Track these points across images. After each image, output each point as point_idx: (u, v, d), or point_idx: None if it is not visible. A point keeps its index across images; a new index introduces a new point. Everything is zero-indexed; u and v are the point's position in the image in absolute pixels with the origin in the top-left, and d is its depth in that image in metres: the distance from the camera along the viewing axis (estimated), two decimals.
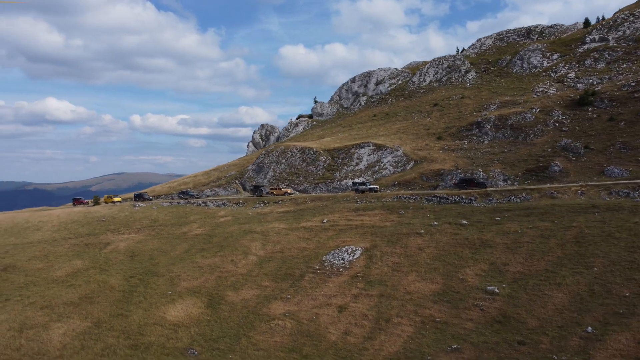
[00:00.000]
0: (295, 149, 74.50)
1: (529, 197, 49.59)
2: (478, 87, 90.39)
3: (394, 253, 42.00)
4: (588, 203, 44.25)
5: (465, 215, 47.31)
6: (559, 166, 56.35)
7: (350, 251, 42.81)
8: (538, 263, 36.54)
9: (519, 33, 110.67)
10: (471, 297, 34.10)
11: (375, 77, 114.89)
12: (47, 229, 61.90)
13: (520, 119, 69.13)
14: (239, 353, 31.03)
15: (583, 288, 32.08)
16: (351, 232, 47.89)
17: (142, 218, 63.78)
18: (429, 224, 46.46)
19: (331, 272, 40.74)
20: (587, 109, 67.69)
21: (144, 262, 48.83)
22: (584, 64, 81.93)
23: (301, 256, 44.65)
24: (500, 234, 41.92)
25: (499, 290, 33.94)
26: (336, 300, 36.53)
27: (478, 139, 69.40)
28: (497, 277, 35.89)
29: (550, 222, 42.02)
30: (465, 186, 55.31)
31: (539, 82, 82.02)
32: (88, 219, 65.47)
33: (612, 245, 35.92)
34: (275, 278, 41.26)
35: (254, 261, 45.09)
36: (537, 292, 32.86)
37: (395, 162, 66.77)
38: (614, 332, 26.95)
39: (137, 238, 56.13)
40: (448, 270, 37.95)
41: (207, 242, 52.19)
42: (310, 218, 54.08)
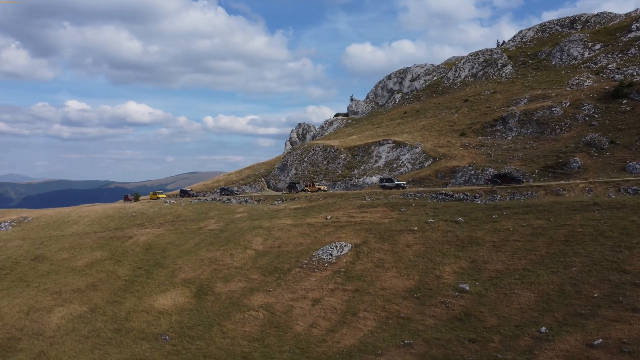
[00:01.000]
0: (318, 147, 75.64)
1: (534, 194, 47.77)
2: (512, 81, 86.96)
3: (382, 249, 42.14)
4: (591, 201, 42.15)
5: (464, 212, 46.43)
6: (577, 162, 53.70)
7: (339, 247, 43.41)
8: (519, 262, 35.49)
9: (563, 23, 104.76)
10: (440, 295, 33.77)
11: (410, 74, 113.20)
12: (82, 223, 67.21)
13: (547, 114, 66.15)
14: (206, 340, 32.77)
15: (554, 288, 30.97)
16: (349, 228, 48.40)
17: (167, 214, 67.57)
18: (425, 221, 46.05)
19: (317, 267, 41.60)
20: (621, 101, 63.68)
21: (156, 254, 51.99)
22: (627, 54, 76.78)
23: (295, 251, 45.81)
24: (492, 231, 40.94)
25: (469, 288, 33.38)
26: (313, 294, 37.39)
27: (502, 135, 67.20)
28: (474, 275, 35.22)
29: (546, 220, 40.48)
30: (500, 182, 53.44)
31: (576, 74, 77.76)
32: (121, 214, 70.27)
33: (599, 245, 34.26)
34: (265, 272, 42.73)
35: (251, 255, 46.82)
36: (507, 290, 32.06)
37: (413, 159, 66.17)
38: (566, 333, 26.01)
39: (157, 232, 59.68)
40: (427, 267, 37.67)
41: (217, 236, 54.61)
42: (317, 215, 55.07)
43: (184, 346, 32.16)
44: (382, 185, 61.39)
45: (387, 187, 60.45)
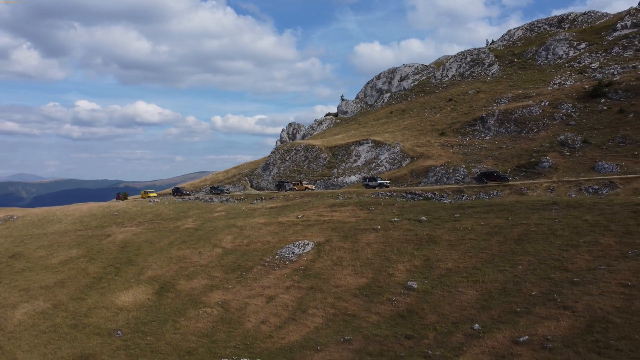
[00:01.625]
0: (300, 147, 76.17)
1: (499, 193, 48.03)
2: (497, 80, 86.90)
3: (342, 248, 42.63)
4: (551, 200, 42.41)
5: (428, 211, 46.78)
6: (549, 162, 53.82)
7: (302, 245, 43.95)
8: (470, 260, 35.84)
9: (551, 22, 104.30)
10: (389, 292, 34.20)
11: (399, 74, 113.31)
12: (66, 222, 68.27)
13: (526, 113, 66.20)
14: (157, 336, 33.45)
15: (497, 286, 31.30)
16: (316, 227, 48.90)
17: (149, 212, 68.44)
18: (390, 220, 46.46)
19: (278, 265, 42.15)
20: (599, 100, 63.59)
21: (130, 252, 52.80)
22: (610, 53, 76.51)
23: (261, 250, 46.40)
24: (451, 230, 41.31)
25: (417, 286, 33.78)
26: (269, 291, 37.97)
27: (480, 135, 67.34)
28: (425, 273, 35.62)
29: (504, 219, 40.79)
30: (485, 180, 53.22)
31: (560, 73, 77.63)
32: (104, 212, 71.27)
33: (549, 244, 34.54)
34: (228, 269, 43.36)
35: (218, 253, 47.47)
36: (452, 288, 32.44)
37: (391, 158, 66.51)
38: (497, 330, 26.34)
39: (135, 231, 60.53)
40: (382, 266, 38.11)
41: (191, 235, 55.35)
42: (289, 214, 55.63)
43: (134, 341, 32.85)
44: (366, 184, 61.65)
45: (370, 186, 60.67)
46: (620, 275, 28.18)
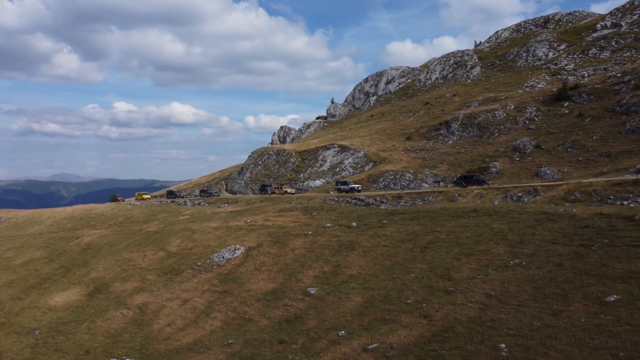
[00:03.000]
0: (272, 151, 77.66)
1: (433, 199, 48.32)
2: (476, 83, 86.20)
3: (268, 253, 43.91)
4: (473, 207, 42.56)
5: (362, 217, 47.55)
6: (496, 167, 53.77)
7: (233, 250, 45.45)
8: (374, 267, 36.63)
9: (537, 23, 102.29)
10: (288, 298, 35.35)
11: (386, 77, 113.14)
12: (45, 224, 71.76)
13: (490, 117, 65.91)
14: (68, 335, 35.53)
15: (382, 293, 32.08)
16: (257, 232, 50.27)
17: (121, 215, 71.23)
18: (323, 225, 47.47)
19: (207, 269, 43.77)
20: (562, 104, 62.86)
21: (89, 254, 55.41)
22: (587, 54, 75.10)
23: (199, 253, 48.11)
24: (372, 237, 42.06)
25: (314, 292, 34.82)
26: (186, 295, 39.62)
27: (444, 139, 67.40)
28: (329, 280, 36.58)
29: (422, 226, 41.29)
30: (464, 184, 52.77)
31: (535, 75, 76.65)
32: (82, 215, 74.50)
33: (447, 252, 35.00)
34: (161, 272, 45.23)
35: (161, 257, 49.43)
36: (343, 295, 33.34)
37: (355, 163, 67.29)
38: (357, 337, 27.23)
39: (102, 233, 63.29)
40: (295, 271, 39.25)
41: (148, 238, 57.59)
42: (241, 218, 57.18)
43: (45, 340, 35.01)
44: (338, 189, 61.60)
45: (342, 190, 60.61)
46: (489, 285, 28.58)
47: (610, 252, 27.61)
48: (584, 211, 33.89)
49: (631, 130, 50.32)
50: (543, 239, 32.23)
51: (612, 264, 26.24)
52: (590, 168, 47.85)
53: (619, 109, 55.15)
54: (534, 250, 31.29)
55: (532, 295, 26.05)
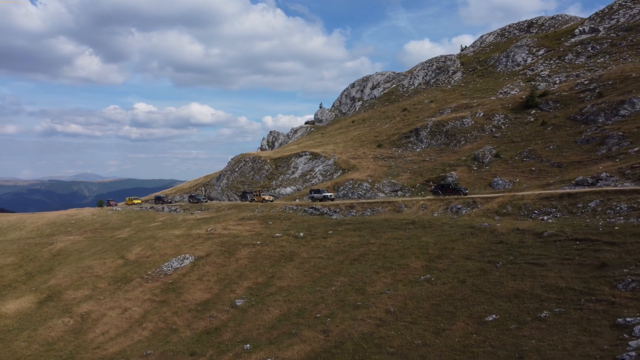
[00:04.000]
0: (248, 158, 78.64)
1: (382, 209, 48.75)
2: (454, 89, 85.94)
3: (215, 263, 44.86)
4: (412, 219, 42.92)
5: (311, 227, 48.22)
6: (453, 177, 53.93)
7: (182, 259, 46.49)
8: (303, 279, 37.36)
9: (521, 27, 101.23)
10: (215, 309, 36.25)
11: (371, 82, 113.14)
12: (26, 230, 73.89)
13: (458, 125, 65.92)
14: (7, 343, 36.93)
15: (299, 306, 32.84)
16: (212, 241, 51.25)
17: (98, 221, 72.96)
18: (273, 235, 48.25)
19: (154, 278, 44.89)
20: (530, 111, 62.60)
21: (57, 261, 57.05)
22: (564, 60, 74.46)
23: (153, 262, 49.26)
24: (312, 247, 42.75)
25: (241, 304, 35.68)
26: (127, 304, 40.76)
27: (413, 147, 67.62)
28: (259, 291, 37.39)
29: (360, 238, 41.87)
30: (441, 192, 50.28)
31: (510, 81, 76.26)
32: (63, 221, 76.48)
33: (371, 265, 35.58)
34: (112, 281, 46.49)
35: (118, 264, 50.72)
36: (265, 307, 34.12)
37: (325, 170, 67.89)
38: (258, 351, 28.10)
39: (76, 239, 64.99)
40: (232, 282, 40.13)
41: (115, 245, 59.02)
42: (204, 226, 58.23)
43: None
44: (311, 197, 60.83)
45: (315, 199, 59.94)
46: (393, 301, 29.14)
47: (511, 269, 27.94)
48: (504, 226, 34.13)
49: (586, 140, 50.03)
50: (459, 254, 32.59)
51: (507, 282, 26.61)
52: (540, 179, 47.77)
53: (579, 118, 54.80)
54: (447, 266, 31.70)
55: (427, 312, 26.56)
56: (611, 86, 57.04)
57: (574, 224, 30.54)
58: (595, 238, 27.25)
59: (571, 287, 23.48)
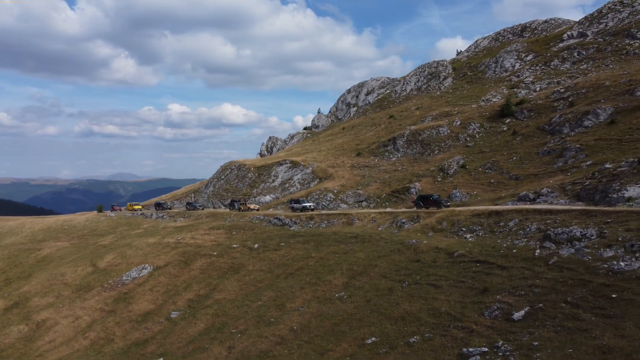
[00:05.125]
0: (234, 166, 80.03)
1: (337, 221, 49.23)
2: (442, 95, 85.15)
3: (169, 273, 46.32)
4: (357, 233, 43.30)
5: (267, 239, 49.11)
6: (416, 188, 54.04)
7: (140, 269, 48.14)
8: (239, 292, 38.42)
9: (514, 31, 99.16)
10: (152, 320, 37.66)
11: (366, 88, 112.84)
12: (22, 235, 77.28)
13: (434, 134, 65.70)
14: None
15: (223, 320, 33.96)
16: (176, 250, 52.72)
17: (87, 228, 75.70)
18: (231, 246, 49.43)
19: (112, 287, 46.65)
20: (504, 120, 61.92)
21: (37, 267, 59.66)
22: (549, 66, 73.10)
23: (118, 271, 51.05)
24: (260, 260, 43.71)
25: (174, 316, 37.03)
26: (80, 312, 42.58)
27: (389, 156, 67.72)
28: (197, 303, 38.62)
29: (304, 251, 42.61)
30: (422, 204, 47.05)
31: (495, 88, 75.33)
32: (57, 226, 79.60)
33: (300, 280, 36.37)
34: (76, 289, 48.46)
35: (88, 272, 52.75)
36: (195, 320, 35.36)
37: (303, 179, 68.71)
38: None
39: (62, 246, 67.70)
40: (177, 293, 41.46)
41: (94, 252, 61.26)
42: (177, 235, 59.85)
43: None
44: (291, 207, 59.94)
45: (295, 209, 58.77)
46: (300, 319, 29.87)
47: (412, 290, 28.26)
48: (427, 244, 34.27)
49: (547, 152, 49.32)
50: (378, 272, 32.98)
51: (402, 303, 26.97)
52: (497, 191, 47.42)
53: (547, 128, 53.96)
54: (364, 284, 32.17)
55: (325, 331, 27.19)
56: (584, 95, 55.97)
57: (484, 245, 30.54)
58: (492, 261, 27.28)
59: (449, 312, 23.71)
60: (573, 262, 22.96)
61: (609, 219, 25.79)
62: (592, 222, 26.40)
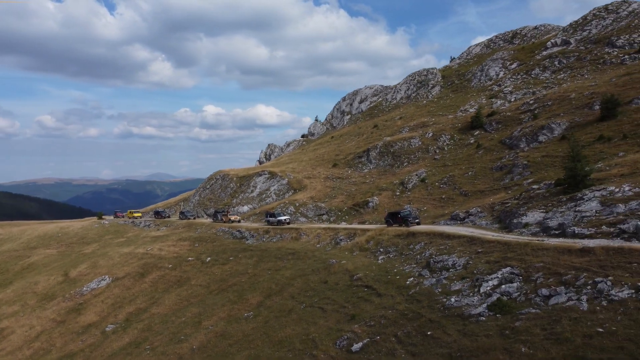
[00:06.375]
0: (219, 176, 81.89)
1: (287, 236, 50.12)
2: (427, 105, 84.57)
3: (124, 285, 48.25)
4: (296, 249, 44.08)
5: (221, 252, 50.46)
6: (374, 202, 54.51)
7: (100, 280, 50.28)
8: (173, 307, 39.89)
9: (505, 38, 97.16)
10: (89, 333, 39.58)
11: (360, 96, 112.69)
12: (18, 242, 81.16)
13: (405, 146, 65.82)
14: None
15: (145, 336, 35.52)
16: (140, 262, 54.64)
17: (79, 235, 78.88)
18: (187, 259, 50.99)
19: (72, 297, 48.92)
20: (474, 132, 61.58)
21: (20, 274, 62.82)
22: (530, 74, 72.03)
23: (83, 281, 53.28)
24: (205, 274, 45.14)
25: (109, 329, 38.85)
26: (35, 322, 44.91)
27: (362, 167, 68.15)
28: (133, 317, 40.35)
29: (245, 267, 43.78)
30: (391, 221, 43.41)
31: (475, 98, 74.64)
32: (52, 234, 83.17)
33: (225, 297, 37.64)
34: (41, 298, 50.97)
35: (58, 281, 55.29)
36: (123, 334, 37.01)
37: (278, 190, 69.92)
38: None
39: (50, 253, 70.92)
40: (121, 306, 43.30)
41: (74, 260, 63.93)
42: (149, 245, 61.89)
43: None
44: (267, 220, 57.66)
45: (270, 223, 56.52)
46: (204, 338, 31.23)
47: (305, 312, 29.15)
48: (343, 264, 34.86)
49: (499, 167, 48.96)
50: (291, 292, 33.84)
51: (289, 326, 27.92)
52: (445, 207, 47.42)
53: (508, 142, 53.45)
54: (274, 303, 33.10)
55: (218, 352, 28.44)
56: (548, 108, 55.17)
57: (384, 268, 31.02)
58: (375, 287, 27.83)
59: (314, 339, 24.51)
60: (425, 294, 23.35)
61: (481, 248, 25.97)
62: (469, 251, 26.61)
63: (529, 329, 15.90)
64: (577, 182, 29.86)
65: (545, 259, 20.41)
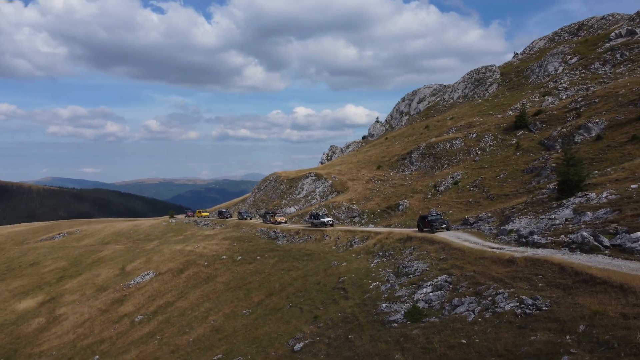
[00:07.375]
0: (272, 178, 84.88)
1: (312, 237, 51.36)
2: (481, 104, 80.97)
3: (162, 280, 52.34)
4: (313, 251, 45.32)
5: (252, 251, 53.02)
6: (404, 205, 54.28)
7: (144, 275, 54.86)
8: (194, 302, 42.99)
9: (571, 30, 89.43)
10: (122, 322, 43.55)
11: (418, 96, 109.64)
12: (96, 238, 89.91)
13: (447, 148, 64.43)
14: None
15: (161, 327, 38.70)
16: (183, 258, 58.69)
17: (145, 232, 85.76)
18: (221, 257, 54.18)
19: (120, 289, 53.94)
20: (517, 132, 59.05)
21: (89, 267, 69.97)
22: (589, 69, 67.17)
23: (136, 274, 58.52)
24: (231, 272, 47.95)
25: (138, 320, 42.62)
26: (85, 309, 50.14)
27: (404, 169, 67.66)
28: (162, 309, 43.88)
29: (265, 266, 45.82)
30: (422, 226, 39.85)
31: (528, 96, 70.88)
32: (126, 231, 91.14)
33: (237, 294, 39.93)
34: (96, 290, 56.54)
35: (115, 274, 61.02)
36: (146, 325, 40.57)
37: (323, 192, 71.49)
38: None
39: (118, 248, 78.07)
40: (155, 299, 47.12)
41: (136, 255, 69.80)
42: (198, 243, 66.18)
43: None
44: (310, 222, 57.60)
45: (314, 224, 56.32)
46: (203, 331, 33.92)
47: (288, 312, 30.70)
48: (344, 267, 35.80)
49: (530, 170, 46.64)
50: (288, 292, 35.42)
51: (269, 324, 29.64)
52: (470, 211, 46.16)
53: (546, 143, 50.58)
54: (270, 302, 34.92)
55: (207, 345, 30.86)
56: (594, 105, 51.53)
57: (370, 271, 31.50)
58: (349, 290, 28.57)
59: (278, 338, 25.83)
60: (374, 298, 23.69)
61: (445, 255, 25.69)
62: (436, 257, 26.41)
63: (417, 337, 16.06)
64: (570, 188, 28.31)
65: (477, 268, 20.06)
